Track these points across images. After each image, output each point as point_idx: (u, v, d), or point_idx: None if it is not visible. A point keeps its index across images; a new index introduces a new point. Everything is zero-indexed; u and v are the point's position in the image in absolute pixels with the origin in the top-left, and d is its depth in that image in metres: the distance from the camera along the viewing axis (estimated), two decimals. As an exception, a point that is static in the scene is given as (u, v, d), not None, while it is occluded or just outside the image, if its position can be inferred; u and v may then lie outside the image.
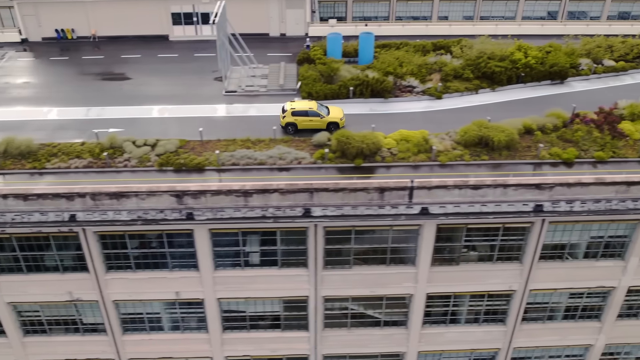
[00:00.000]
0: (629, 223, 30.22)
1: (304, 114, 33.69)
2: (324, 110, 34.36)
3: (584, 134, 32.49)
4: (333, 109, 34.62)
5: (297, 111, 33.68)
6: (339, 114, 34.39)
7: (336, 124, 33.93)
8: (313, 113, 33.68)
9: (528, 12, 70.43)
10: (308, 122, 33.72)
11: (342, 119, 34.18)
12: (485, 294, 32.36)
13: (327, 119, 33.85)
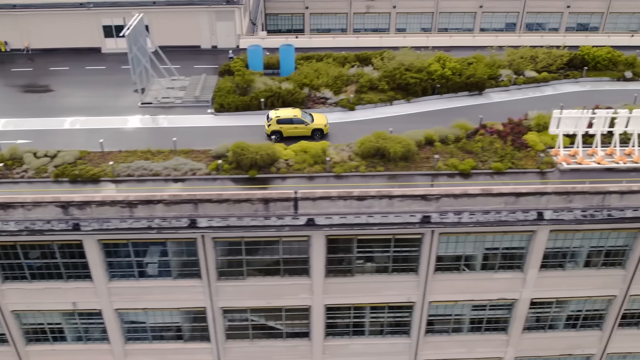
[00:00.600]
0: (523, 234, 30.12)
1: (289, 122, 34.05)
2: (308, 117, 34.77)
3: (485, 145, 32.45)
4: (317, 116, 35.07)
5: (282, 119, 34.00)
6: (323, 120, 34.86)
7: (321, 130, 34.43)
8: (298, 120, 34.07)
9: (486, 24, 70.74)
10: (293, 130, 34.07)
11: (326, 125, 34.66)
12: (384, 305, 32.23)
13: (311, 125, 34.32)
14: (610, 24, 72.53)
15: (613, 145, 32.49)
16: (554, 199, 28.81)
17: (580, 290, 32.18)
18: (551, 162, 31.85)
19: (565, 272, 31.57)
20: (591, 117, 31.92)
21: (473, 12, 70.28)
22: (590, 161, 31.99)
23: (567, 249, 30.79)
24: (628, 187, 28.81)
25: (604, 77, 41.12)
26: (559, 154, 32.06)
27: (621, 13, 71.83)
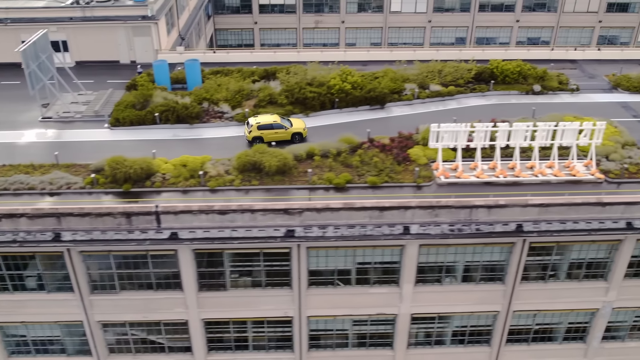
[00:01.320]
0: (394, 249, 29.97)
1: (269, 127, 35.06)
2: (287, 122, 35.90)
3: (366, 159, 32.43)
4: (295, 121, 36.31)
5: (263, 125, 35.04)
6: (301, 124, 36.07)
7: (300, 134, 35.45)
8: (278, 125, 35.16)
9: (435, 38, 70.96)
10: (274, 135, 35.00)
11: (305, 129, 35.81)
12: (263, 320, 32.10)
13: (291, 130, 35.39)
14: (561, 38, 72.61)
15: (495, 159, 32.45)
16: (419, 213, 28.80)
17: (460, 305, 31.92)
18: (430, 176, 31.82)
19: (443, 287, 31.35)
20: (470, 130, 31.95)
21: (422, 27, 70.59)
22: (470, 175, 31.94)
23: (442, 264, 30.64)
24: (495, 202, 28.69)
25: (512, 91, 40.99)
26: (439, 167, 32.06)
27: (571, 27, 72.00)
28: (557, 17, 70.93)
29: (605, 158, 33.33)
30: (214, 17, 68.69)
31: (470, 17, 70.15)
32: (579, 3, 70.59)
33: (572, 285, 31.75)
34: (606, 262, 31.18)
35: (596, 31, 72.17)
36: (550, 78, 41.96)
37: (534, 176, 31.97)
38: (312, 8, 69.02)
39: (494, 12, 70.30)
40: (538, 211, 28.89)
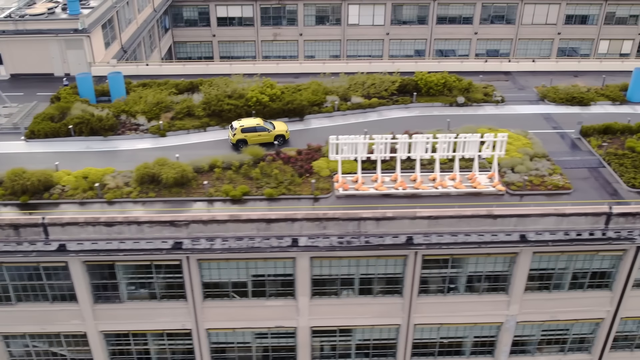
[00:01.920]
0: (286, 261, 29.83)
1: (252, 130, 36.04)
2: (270, 125, 36.95)
3: (269, 170, 32.39)
4: (278, 124, 37.43)
5: (246, 128, 36.04)
6: (283, 127, 37.27)
7: (282, 136, 36.60)
8: (261, 128, 36.22)
9: (394, 50, 71.11)
10: (257, 137, 36.09)
11: (287, 132, 36.96)
12: (162, 332, 31.99)
13: (274, 132, 36.49)
14: (521, 50, 72.62)
15: (396, 171, 32.26)
16: (307, 225, 28.70)
17: (360, 318, 31.68)
18: (329, 188, 31.75)
19: (341, 300, 31.16)
20: (369, 142, 31.92)
21: (380, 39, 70.79)
22: (369, 187, 31.85)
23: (337, 277, 30.47)
24: (383, 214, 28.57)
25: (435, 103, 40.96)
26: (339, 179, 32.00)
27: (531, 39, 71.99)
28: (516, 29, 70.98)
29: (511, 170, 33.30)
30: (172, 30, 69.23)
31: (428, 30, 70.31)
32: (537, 15, 70.67)
33: (472, 298, 31.45)
34: (506, 275, 30.98)
35: (556, 43, 72.15)
36: (476, 90, 41.93)
37: (434, 188, 32.00)
38: (270, 21, 69.40)
39: (452, 25, 70.47)
40: (428, 223, 28.74)
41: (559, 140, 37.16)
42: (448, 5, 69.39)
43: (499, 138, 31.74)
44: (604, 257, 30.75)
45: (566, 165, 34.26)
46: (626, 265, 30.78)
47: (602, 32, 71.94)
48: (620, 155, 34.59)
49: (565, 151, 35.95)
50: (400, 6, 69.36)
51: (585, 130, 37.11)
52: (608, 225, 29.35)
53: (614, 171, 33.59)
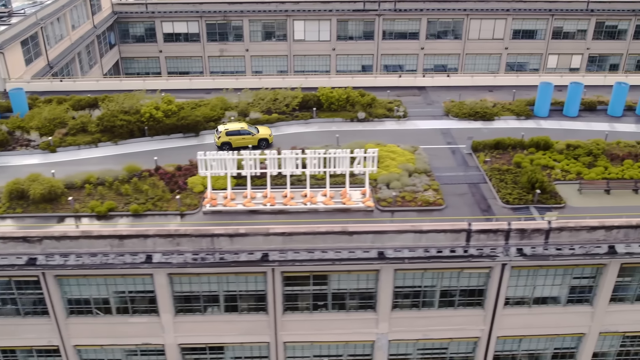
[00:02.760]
0: (145, 277, 29.62)
1: (237, 133, 37.56)
2: (254, 130, 38.40)
3: (142, 186, 32.34)
4: (262, 128, 38.93)
5: (231, 131, 37.59)
6: (267, 131, 38.74)
7: (266, 140, 38.14)
8: (245, 132, 37.75)
9: (341, 65, 71.25)
10: (241, 140, 37.57)
11: (270, 136, 38.43)
12: (31, 349, 31.80)
13: (257, 136, 38.00)
14: (469, 65, 72.49)
15: (267, 187, 32.14)
16: (160, 241, 28.55)
17: (228, 336, 31.28)
18: (196, 204, 31.63)
19: (206, 316, 30.83)
20: (238, 158, 31.80)
21: (327, 55, 70.96)
22: (237, 203, 31.67)
23: (199, 293, 30.17)
24: (235, 230, 28.33)
25: (336, 118, 40.88)
26: (208, 195, 31.87)
27: (478, 54, 71.87)
28: (463, 44, 70.98)
29: (387, 186, 33.05)
30: (119, 46, 69.78)
31: (374, 45, 70.43)
32: (483, 30, 70.63)
33: (341, 316, 31.00)
34: (371, 292, 30.59)
35: (503, 58, 71.96)
36: (379, 105, 41.81)
37: (303, 204, 31.79)
38: (216, 37, 69.80)
39: (398, 40, 70.54)
40: (283, 240, 28.53)
41: (450, 156, 36.88)
42: (393, 20, 69.54)
43: (369, 154, 31.60)
44: (471, 274, 30.34)
45: (448, 181, 33.98)
46: (494, 283, 30.39)
47: (550, 46, 71.72)
48: (504, 170, 34.26)
49: (452, 167, 35.67)
50: (345, 22, 69.59)
51: (475, 146, 36.85)
52: (469, 242, 29.07)
53: (493, 187, 33.35)
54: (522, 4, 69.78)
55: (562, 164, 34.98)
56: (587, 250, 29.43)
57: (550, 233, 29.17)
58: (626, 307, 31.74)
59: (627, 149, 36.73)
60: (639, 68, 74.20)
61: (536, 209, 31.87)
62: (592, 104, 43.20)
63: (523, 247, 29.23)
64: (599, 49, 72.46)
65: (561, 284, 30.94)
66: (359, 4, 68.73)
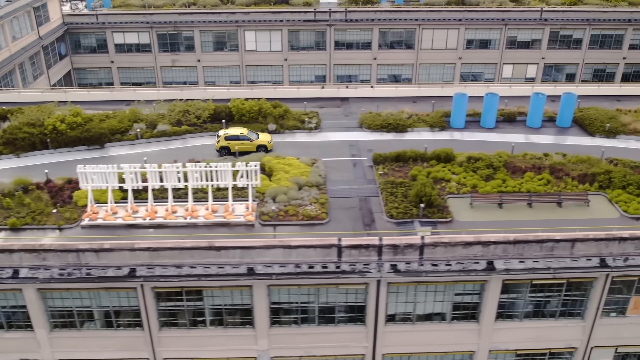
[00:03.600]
0: (16, 292, 29.15)
1: (235, 139, 38.07)
2: (254, 135, 38.90)
3: (25, 200, 32.04)
4: (262, 135, 39.44)
5: (230, 136, 38.22)
6: (267, 138, 39.08)
7: (265, 146, 38.46)
8: (244, 137, 38.20)
9: (294, 76, 70.93)
10: (240, 145, 38.10)
11: (270, 142, 38.76)
12: None
13: (256, 142, 38.43)
14: (423, 75, 71.96)
15: (149, 201, 31.82)
16: (26, 256, 28.15)
17: (105, 352, 30.59)
18: (76, 218, 31.28)
19: (82, 332, 30.05)
20: (119, 172, 31.47)
21: (280, 65, 70.70)
22: (116, 217, 31.29)
23: (72, 308, 29.61)
24: (100, 245, 27.89)
25: (248, 130, 40.62)
26: (89, 209, 31.53)
27: (432, 64, 71.34)
28: (416, 55, 70.50)
29: (273, 199, 32.56)
30: (71, 57, 69.86)
31: (327, 55, 70.12)
32: (436, 40, 70.09)
33: (218, 332, 30.46)
34: (248, 308, 30.04)
35: (458, 68, 71.38)
36: (291, 117, 41.37)
37: (183, 218, 31.37)
38: (167, 47, 69.78)
39: (350, 50, 70.15)
40: (149, 255, 28.08)
41: (350, 169, 36.37)
42: (345, 30, 69.23)
43: (250, 167, 31.16)
44: (348, 290, 29.73)
45: (340, 194, 33.50)
46: (372, 299, 29.74)
47: (504, 56, 71.09)
48: (398, 184, 33.71)
49: (349, 179, 35.13)
50: (296, 32, 69.35)
51: (376, 158, 36.28)
52: (341, 258, 28.50)
53: (382, 201, 32.78)
54: (474, 14, 69.31)
55: (460, 177, 34.44)
56: (465, 266, 28.85)
57: (425, 249, 28.63)
58: (515, 324, 31.06)
59: (532, 161, 36.14)
60: (596, 77, 73.48)
61: (421, 224, 31.36)
62: (511, 115, 42.62)
63: (397, 262, 28.74)
64: (554, 59, 71.75)
65: (443, 300, 30.30)
66: (309, 14, 68.51)
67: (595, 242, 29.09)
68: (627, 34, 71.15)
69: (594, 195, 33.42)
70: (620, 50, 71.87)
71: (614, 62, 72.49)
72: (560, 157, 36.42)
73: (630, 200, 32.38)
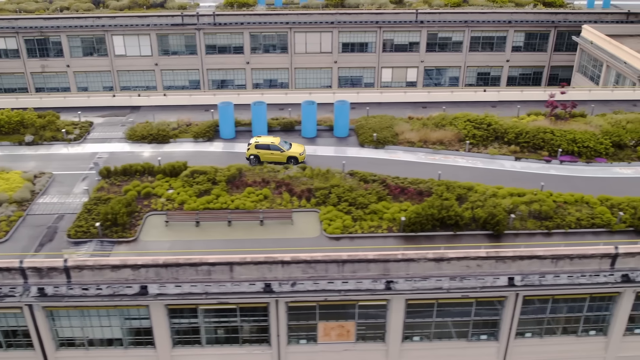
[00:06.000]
0: None
1: (266, 147, 37.06)
2: (286, 145, 37.74)
3: None
4: (295, 146, 37.96)
5: (260, 144, 37.23)
6: (299, 149, 37.72)
7: (295, 158, 37.05)
8: (274, 147, 37.09)
9: (167, 81, 69.41)
10: (270, 155, 37.08)
11: (301, 154, 37.39)
12: None
13: (287, 153, 37.16)
14: (300, 80, 69.83)
15: None
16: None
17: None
18: None
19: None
20: None
21: (151, 70, 69.11)
22: None
23: None
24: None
25: (4, 142, 39.00)
26: None
27: (308, 68, 69.12)
28: (290, 58, 68.48)
29: (-43, 217, 31.07)
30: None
31: (199, 60, 68.43)
32: (310, 44, 67.96)
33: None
34: None
35: (335, 72, 69.12)
36: (54, 127, 39.71)
37: None
38: (36, 53, 68.74)
39: (222, 54, 68.21)
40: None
41: (76, 183, 34.65)
42: (215, 34, 67.54)
43: None
44: (6, 314, 28.14)
45: (45, 210, 31.74)
46: (30, 324, 28.04)
47: (382, 59, 68.72)
48: (104, 200, 31.84)
49: (67, 194, 33.43)
50: (165, 36, 67.83)
51: (103, 172, 34.49)
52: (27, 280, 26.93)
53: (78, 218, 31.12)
54: (347, 17, 67.04)
55: (175, 192, 32.58)
56: (116, 291, 27.11)
57: (70, 272, 26.93)
58: (196, 350, 29.17)
59: (268, 174, 34.09)
60: (481, 81, 70.72)
61: (101, 243, 29.62)
62: (289, 124, 40.60)
63: (45, 286, 27.11)
64: (434, 62, 69.16)
65: (120, 325, 28.57)
66: (177, 18, 66.82)
67: (255, 266, 27.28)
68: (509, 36, 68.33)
69: (308, 213, 31.42)
70: (504, 53, 69.12)
71: (497, 64, 69.68)
72: (299, 170, 34.45)
73: (337, 218, 30.33)
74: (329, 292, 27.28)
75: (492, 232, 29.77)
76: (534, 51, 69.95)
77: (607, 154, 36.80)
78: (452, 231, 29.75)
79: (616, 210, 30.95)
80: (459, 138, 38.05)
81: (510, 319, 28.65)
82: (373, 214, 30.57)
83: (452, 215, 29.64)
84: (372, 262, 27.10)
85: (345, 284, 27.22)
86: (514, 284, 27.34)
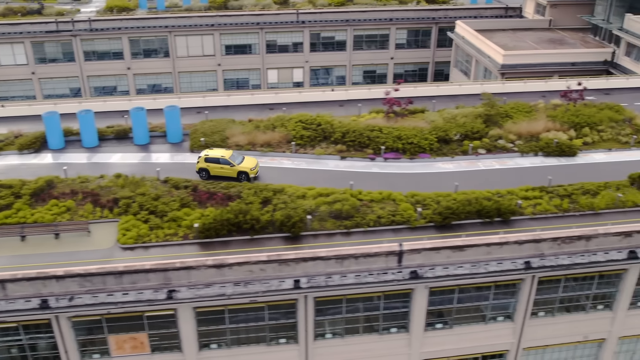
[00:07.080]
0: None
1: (215, 161, 34.91)
2: (238, 159, 35.55)
3: None
4: (248, 160, 35.79)
5: (210, 158, 35.10)
6: (250, 164, 35.39)
7: (246, 173, 34.81)
8: (224, 161, 34.86)
9: (47, 90, 67.41)
10: (219, 170, 34.92)
11: (252, 169, 35.08)
12: None
13: (237, 167, 34.92)
14: (186, 84, 69.00)
15: None
16: None
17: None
18: None
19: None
20: None
21: (28, 79, 66.82)
22: None
23: None
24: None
25: None
26: None
27: (193, 72, 68.36)
28: (172, 62, 67.51)
29: None
30: None
31: (78, 67, 66.67)
32: (191, 47, 67.20)
33: None
34: None
35: (220, 74, 68.54)
36: None
37: None
38: None
39: (102, 61, 66.82)
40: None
41: None
42: (92, 40, 65.95)
43: None
44: None
45: None
46: None
47: (266, 61, 68.49)
48: None
49: None
50: (41, 44, 65.90)
51: None
52: None
53: None
54: (228, 19, 66.52)
55: (-26, 207, 31.40)
56: None
57: None
58: None
59: (82, 185, 33.19)
60: (368, 79, 71.25)
61: None
62: (122, 132, 39.73)
63: None
64: (319, 61, 69.38)
65: None
66: (51, 25, 64.94)
67: (29, 282, 26.31)
68: (392, 34, 69.07)
69: (109, 223, 30.67)
70: (387, 51, 69.83)
71: (382, 62, 70.38)
72: (113, 179, 33.61)
73: (134, 227, 29.63)
74: (109, 305, 26.59)
75: (289, 235, 29.70)
76: (417, 48, 70.94)
77: (431, 150, 37.30)
78: (249, 235, 29.55)
79: (420, 207, 31.31)
80: (288, 139, 37.91)
81: (304, 321, 28.60)
82: (172, 221, 30.03)
83: (248, 220, 29.37)
84: (151, 272, 26.49)
85: (125, 296, 26.62)
86: (300, 286, 27.34)
